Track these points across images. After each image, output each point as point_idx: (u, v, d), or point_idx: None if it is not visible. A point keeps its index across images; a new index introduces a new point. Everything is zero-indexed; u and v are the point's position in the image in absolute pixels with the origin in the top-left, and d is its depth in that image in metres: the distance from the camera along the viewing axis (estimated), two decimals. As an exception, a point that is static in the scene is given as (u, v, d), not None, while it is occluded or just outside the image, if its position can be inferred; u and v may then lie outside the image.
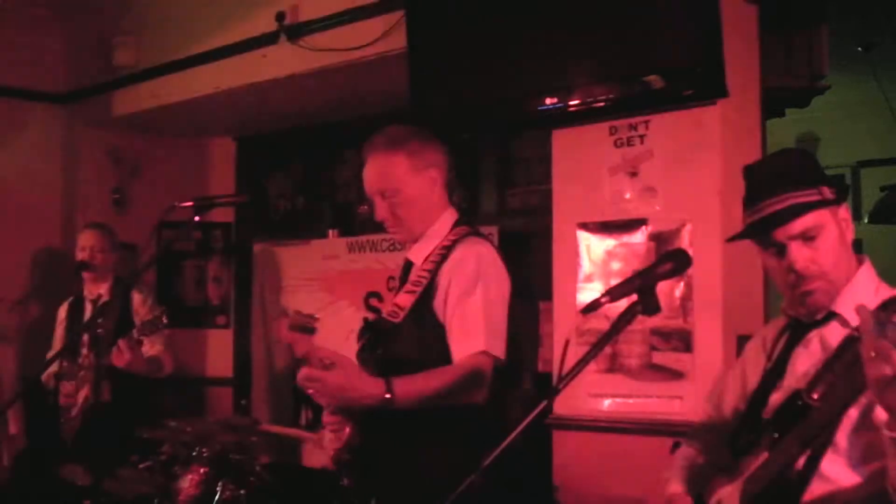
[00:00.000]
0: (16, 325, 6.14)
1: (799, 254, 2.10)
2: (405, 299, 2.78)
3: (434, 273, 2.76)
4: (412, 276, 2.84)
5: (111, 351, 4.46)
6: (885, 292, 2.15)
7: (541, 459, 4.14)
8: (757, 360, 2.34)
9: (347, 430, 2.71)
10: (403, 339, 2.75)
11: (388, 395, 2.48)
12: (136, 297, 5.09)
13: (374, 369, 2.67)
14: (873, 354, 1.67)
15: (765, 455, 2.06)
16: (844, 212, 2.18)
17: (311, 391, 2.50)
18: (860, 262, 2.19)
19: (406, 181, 2.82)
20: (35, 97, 6.47)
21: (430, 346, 2.71)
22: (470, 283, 2.70)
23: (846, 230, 2.16)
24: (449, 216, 2.90)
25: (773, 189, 2.12)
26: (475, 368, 2.62)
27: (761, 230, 2.15)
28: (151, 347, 4.85)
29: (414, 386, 2.56)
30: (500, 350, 2.69)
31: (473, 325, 2.66)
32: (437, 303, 2.73)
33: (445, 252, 2.78)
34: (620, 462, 3.93)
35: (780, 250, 2.12)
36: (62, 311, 5.29)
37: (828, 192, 2.11)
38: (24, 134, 6.39)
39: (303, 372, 2.46)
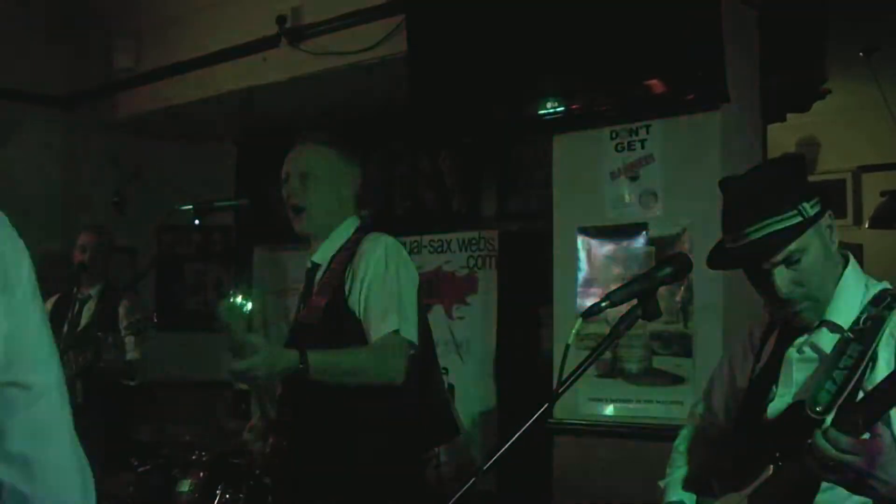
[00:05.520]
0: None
1: (782, 279, 2.07)
2: (319, 301, 2.90)
3: (344, 272, 2.88)
4: (322, 279, 2.95)
5: (93, 348, 4.48)
6: (874, 288, 2.13)
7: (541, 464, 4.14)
8: (745, 358, 2.33)
9: (272, 440, 2.86)
10: (322, 339, 2.82)
11: (302, 365, 2.62)
12: (126, 302, 5.09)
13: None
14: (830, 463, 1.81)
15: (770, 468, 2.05)
16: (827, 219, 2.13)
17: (245, 382, 2.61)
18: (846, 261, 2.17)
19: (328, 173, 2.99)
20: (35, 100, 6.47)
21: (348, 342, 2.83)
22: (379, 268, 2.84)
23: (831, 238, 2.13)
24: (353, 221, 3.05)
25: (752, 214, 2.06)
26: (390, 345, 2.77)
27: (743, 260, 2.13)
28: (129, 353, 4.84)
29: (327, 356, 2.72)
30: (412, 334, 2.83)
31: (386, 307, 2.80)
32: (352, 298, 2.85)
33: (352, 252, 2.91)
34: (620, 467, 3.92)
35: (764, 274, 2.09)
36: (48, 305, 5.30)
37: (808, 209, 2.06)
38: (25, 137, 6.39)
39: (237, 366, 2.57)
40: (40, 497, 1.33)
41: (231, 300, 2.57)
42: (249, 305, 2.59)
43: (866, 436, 1.80)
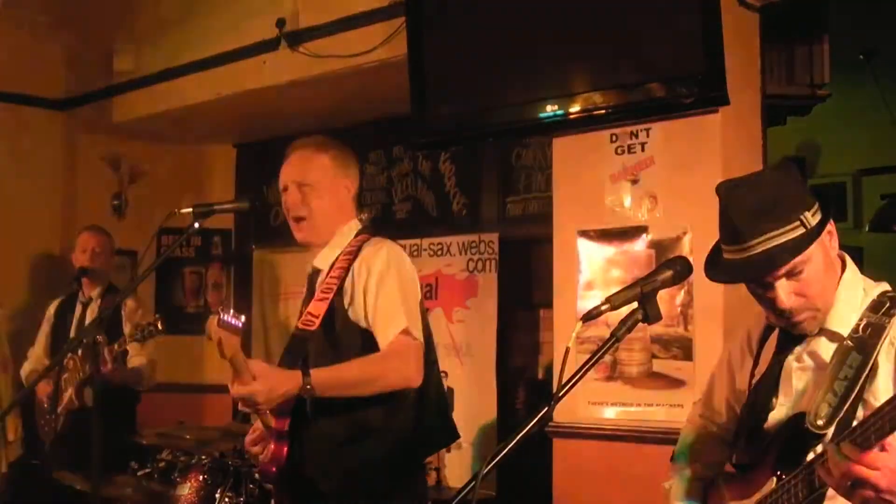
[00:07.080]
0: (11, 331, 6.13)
1: (784, 292, 2.04)
2: (318, 307, 2.88)
3: (344, 277, 2.87)
4: (322, 284, 2.93)
5: (91, 357, 4.46)
6: (872, 290, 2.11)
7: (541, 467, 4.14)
8: (743, 360, 2.32)
9: (272, 447, 2.83)
10: (321, 345, 2.83)
11: (308, 387, 2.62)
12: (130, 305, 5.07)
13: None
14: (846, 482, 1.78)
15: (772, 480, 2.04)
16: (828, 226, 2.08)
17: (246, 407, 2.67)
18: (843, 264, 2.14)
19: (325, 180, 2.98)
20: (35, 103, 6.46)
21: (347, 348, 2.82)
22: (383, 272, 2.82)
23: (831, 245, 2.10)
24: (354, 225, 3.04)
25: (754, 226, 2.02)
26: (401, 349, 2.74)
27: (746, 275, 2.09)
28: (135, 358, 4.83)
29: (332, 372, 2.71)
30: (419, 335, 2.81)
31: (393, 308, 2.78)
32: (352, 305, 2.84)
33: (352, 257, 2.90)
34: (620, 470, 3.91)
35: (765, 286, 2.06)
36: (51, 309, 5.31)
37: (810, 218, 2.02)
38: (24, 140, 6.38)
39: (236, 391, 2.61)
40: None
41: (221, 317, 2.54)
42: (243, 319, 2.57)
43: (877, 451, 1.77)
